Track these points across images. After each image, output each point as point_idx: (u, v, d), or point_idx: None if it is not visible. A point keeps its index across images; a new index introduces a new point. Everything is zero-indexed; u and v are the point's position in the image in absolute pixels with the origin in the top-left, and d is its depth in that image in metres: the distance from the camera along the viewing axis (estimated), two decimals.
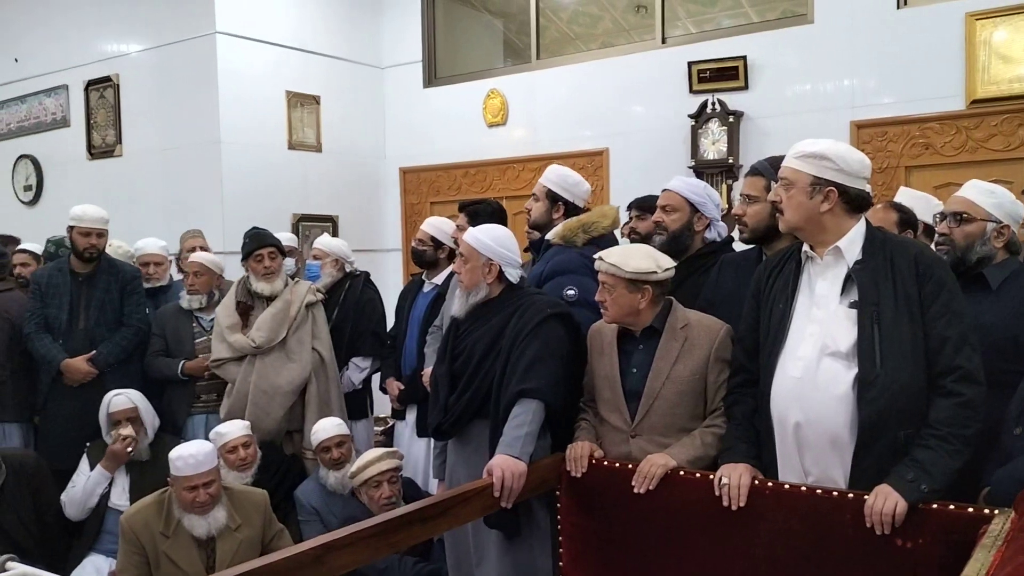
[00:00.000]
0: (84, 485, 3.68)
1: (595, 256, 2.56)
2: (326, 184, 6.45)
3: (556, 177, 3.34)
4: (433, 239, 4.03)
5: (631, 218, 4.09)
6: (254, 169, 5.95)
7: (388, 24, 6.81)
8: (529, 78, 6.21)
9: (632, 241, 3.53)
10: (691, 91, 5.35)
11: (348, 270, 4.40)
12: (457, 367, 2.75)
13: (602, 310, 2.56)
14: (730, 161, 5.13)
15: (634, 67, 5.69)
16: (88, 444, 3.85)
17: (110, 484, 3.73)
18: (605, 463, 2.51)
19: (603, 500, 2.51)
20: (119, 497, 3.71)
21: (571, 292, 2.89)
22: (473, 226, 3.56)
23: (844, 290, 2.21)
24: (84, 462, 3.77)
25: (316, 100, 6.36)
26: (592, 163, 5.87)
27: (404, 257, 6.78)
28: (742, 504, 2.23)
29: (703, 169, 5.23)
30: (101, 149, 6.50)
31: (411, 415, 4.08)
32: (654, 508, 2.39)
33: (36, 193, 7.03)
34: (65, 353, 4.04)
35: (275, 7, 6.09)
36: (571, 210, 3.29)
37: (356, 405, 4.27)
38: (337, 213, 6.53)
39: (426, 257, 4.05)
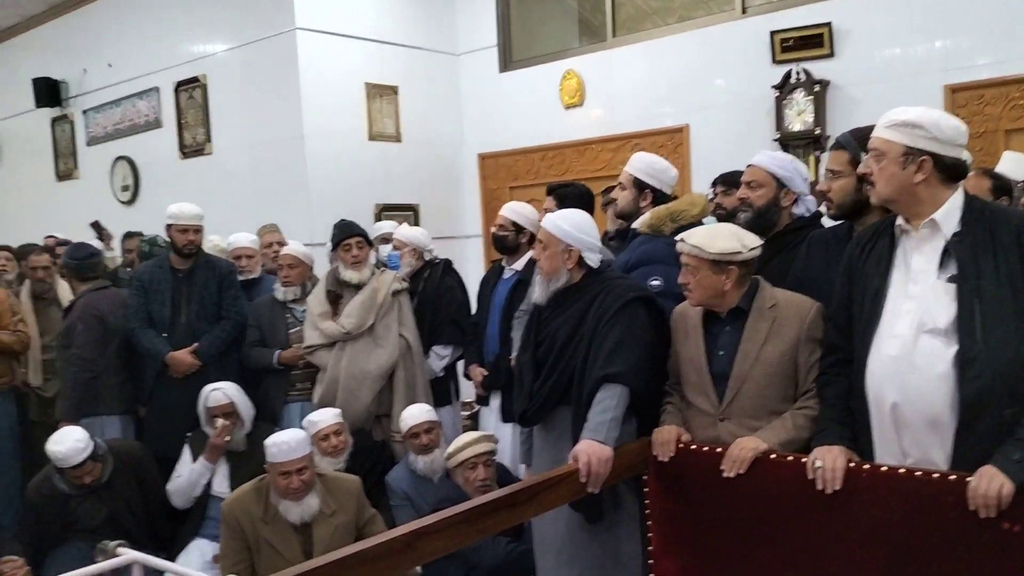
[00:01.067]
0: (188, 476, 3.84)
1: (677, 237, 2.52)
2: (406, 173, 6.52)
3: (642, 164, 3.27)
4: (514, 224, 4.02)
5: (716, 194, 3.99)
6: (337, 161, 6.07)
7: (462, 11, 6.82)
8: (605, 56, 6.13)
9: (718, 218, 3.44)
10: (774, 61, 5.19)
11: (428, 258, 4.45)
12: (540, 354, 2.75)
13: (685, 292, 2.52)
14: (817, 132, 4.96)
15: (713, 39, 5.55)
16: (189, 434, 4.01)
17: (212, 473, 3.88)
18: (693, 447, 2.47)
19: (692, 485, 2.47)
20: (220, 485, 3.86)
21: (656, 282, 2.84)
22: (562, 208, 3.59)
23: (942, 264, 2.11)
24: (186, 452, 3.93)
25: (394, 91, 6.43)
26: (672, 140, 5.77)
27: (484, 243, 6.81)
28: (837, 487, 2.16)
29: (788, 142, 5.07)
30: (192, 148, 6.73)
31: (495, 401, 4.10)
32: (745, 492, 2.34)
33: (133, 193, 7.34)
34: (170, 346, 4.20)
35: (352, 1, 6.17)
36: (659, 198, 3.22)
37: (439, 392, 4.32)
38: (418, 202, 6.60)
39: (507, 242, 4.04)
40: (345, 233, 4.09)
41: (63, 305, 4.87)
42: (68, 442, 3.57)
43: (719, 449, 2.40)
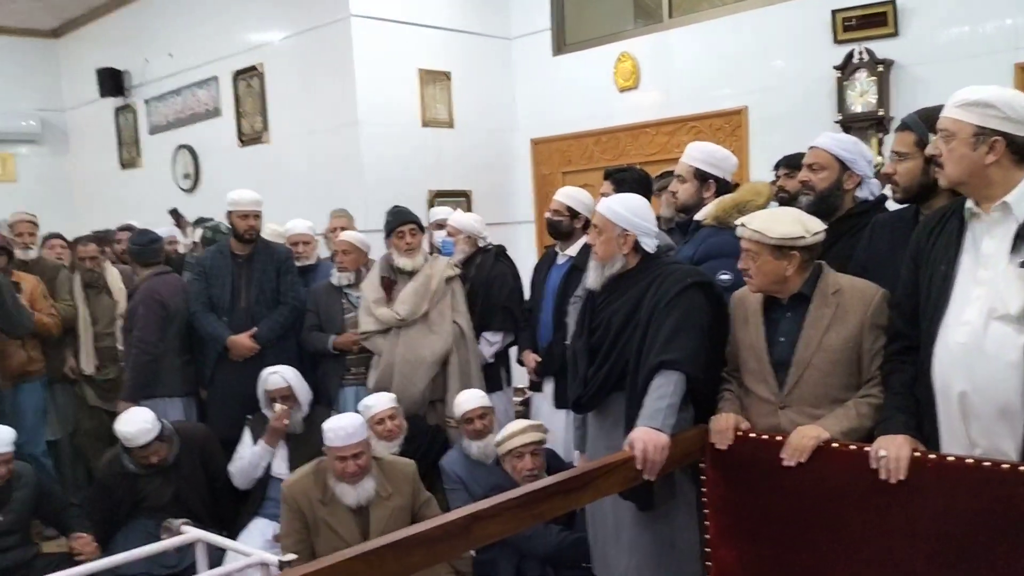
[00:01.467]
0: (249, 458, 3.92)
1: (737, 222, 2.47)
2: (459, 159, 6.53)
3: (702, 154, 3.19)
4: (569, 209, 3.99)
5: (779, 176, 3.91)
6: (391, 148, 6.10)
7: None
8: (661, 38, 6.04)
9: (780, 201, 3.35)
10: (835, 41, 5.06)
11: (482, 245, 4.45)
12: (595, 340, 2.73)
13: (745, 278, 2.47)
14: (880, 113, 4.82)
15: (772, 18, 5.43)
16: (249, 416, 4.09)
17: (272, 455, 3.95)
18: (752, 435, 2.43)
19: (751, 473, 2.44)
20: (279, 466, 3.94)
21: (726, 276, 2.78)
22: (619, 193, 3.55)
23: (1014, 248, 2.03)
24: (247, 434, 4.02)
25: (447, 76, 6.43)
26: (730, 123, 5.67)
27: (537, 228, 6.79)
28: (902, 478, 2.10)
29: (851, 123, 4.94)
30: (250, 136, 6.84)
31: (549, 387, 4.09)
32: (806, 482, 2.30)
33: (194, 180, 7.49)
34: (230, 331, 4.29)
35: None
36: (722, 187, 3.14)
37: (491, 378, 4.33)
38: (471, 187, 6.61)
39: (562, 227, 4.01)
40: (398, 220, 4.12)
41: (113, 293, 5.02)
42: (136, 423, 3.68)
43: (779, 437, 2.36)
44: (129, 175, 8.39)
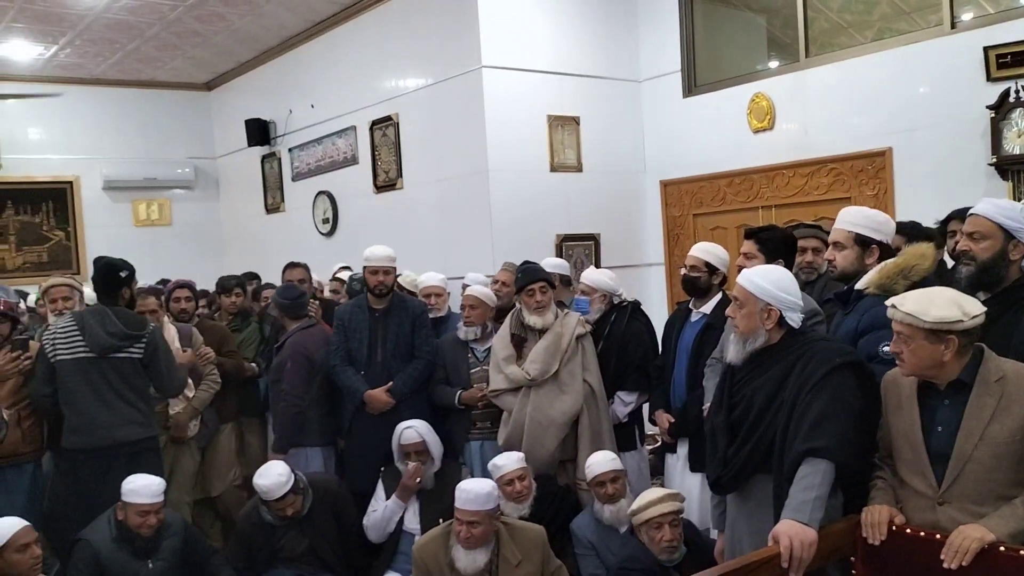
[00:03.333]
0: (382, 512, 4.00)
1: (888, 303, 2.32)
2: (587, 202, 6.52)
3: (860, 219, 3.03)
4: (707, 264, 3.89)
5: (951, 232, 3.65)
6: (519, 194, 6.16)
7: (645, 37, 6.74)
8: (798, 77, 5.84)
9: (960, 263, 3.06)
10: (988, 79, 4.75)
11: (616, 301, 4.39)
12: (735, 417, 2.62)
13: (898, 362, 2.32)
14: None
15: (918, 56, 5.15)
16: (383, 469, 4.17)
17: (403, 510, 4.01)
18: (908, 531, 2.27)
19: (905, 572, 2.27)
20: (411, 521, 3.99)
21: (887, 348, 2.63)
22: (763, 253, 3.44)
23: None
24: (380, 487, 4.10)
25: (576, 121, 6.46)
26: (873, 165, 5.40)
27: (667, 271, 6.69)
28: None
29: (1007, 166, 4.62)
30: (385, 182, 7.06)
31: (683, 449, 3.98)
32: None
33: (332, 225, 7.80)
34: (367, 385, 4.39)
35: (535, 35, 6.26)
36: (884, 252, 2.98)
37: (624, 436, 4.25)
38: (599, 231, 6.58)
39: (699, 284, 3.91)
40: (528, 278, 4.11)
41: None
42: (271, 476, 3.82)
43: (938, 536, 2.19)
44: (273, 219, 8.84)
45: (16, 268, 8.71)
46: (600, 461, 3.69)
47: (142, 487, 3.65)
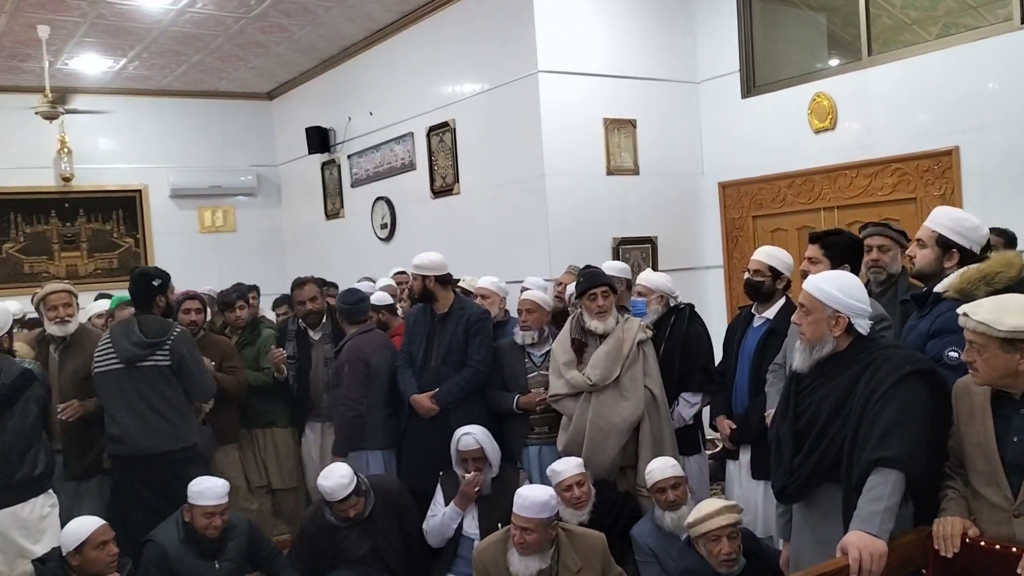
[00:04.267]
0: (441, 519, 4.03)
1: (959, 311, 2.26)
2: (644, 206, 6.48)
3: (948, 221, 2.95)
4: (771, 269, 3.83)
5: None
6: (575, 198, 6.15)
7: (703, 38, 6.68)
8: (860, 76, 5.71)
9: None
10: None
11: (672, 304, 4.36)
12: (801, 426, 2.58)
13: (971, 371, 2.26)
14: None
15: (986, 52, 5.00)
16: (441, 473, 4.20)
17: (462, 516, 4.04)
18: (982, 543, 2.21)
19: None
20: (470, 526, 4.01)
21: (953, 354, 2.55)
22: (829, 258, 3.38)
23: None
24: (439, 492, 4.13)
25: (632, 124, 6.43)
26: (938, 165, 5.26)
27: (726, 274, 6.61)
28: None
29: None
30: (442, 188, 7.13)
31: (744, 455, 3.92)
32: None
33: (391, 230, 7.89)
34: (416, 388, 4.42)
35: (590, 39, 6.25)
36: (965, 258, 2.90)
37: (687, 441, 4.21)
38: (656, 234, 6.53)
39: (763, 288, 3.84)
40: (590, 282, 4.09)
41: None
42: (334, 478, 3.88)
43: (1014, 549, 2.13)
44: (333, 225, 8.98)
45: (88, 274, 9.00)
46: (661, 467, 3.66)
47: (207, 488, 3.75)
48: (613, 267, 4.70)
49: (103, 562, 3.36)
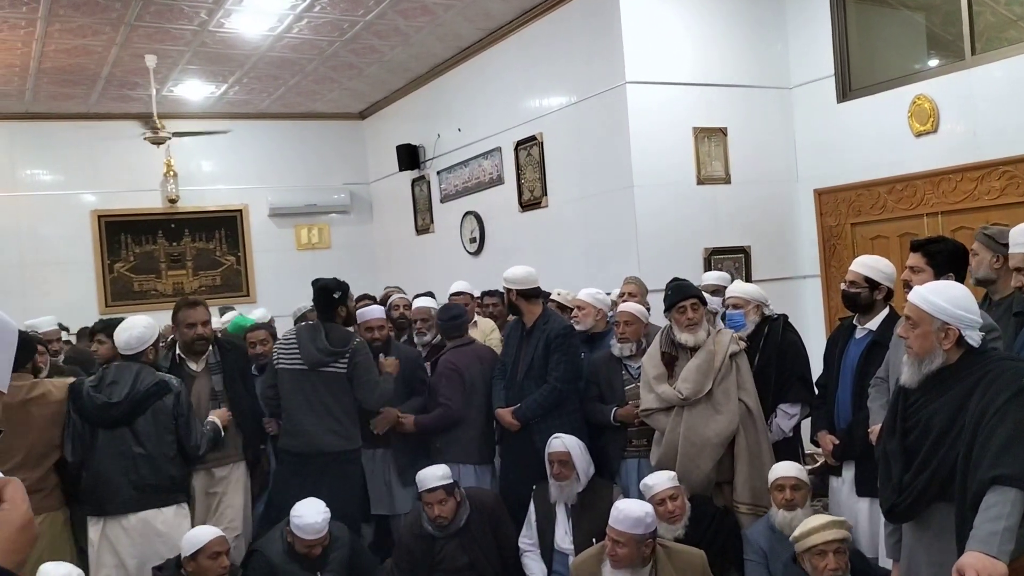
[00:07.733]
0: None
1: None
2: (736, 215, 6.37)
3: None
4: (867, 279, 3.70)
5: None
6: (665, 208, 6.10)
7: (795, 43, 6.53)
8: (963, 77, 5.48)
9: None
10: None
11: (767, 313, 4.27)
12: (911, 442, 2.49)
13: None
14: None
15: None
16: (535, 487, 4.21)
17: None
18: None
19: None
20: (562, 539, 4.02)
21: None
22: (932, 267, 3.26)
23: None
24: (532, 508, 4.14)
25: (723, 132, 6.33)
26: None
27: (823, 284, 6.43)
28: None
29: None
30: (530, 202, 7.17)
31: (848, 472, 3.78)
32: None
33: (479, 244, 7.98)
34: (503, 401, 4.47)
35: (678, 48, 6.20)
36: None
37: (788, 453, 4.11)
38: (748, 243, 6.41)
39: (860, 300, 3.72)
40: (679, 295, 4.04)
41: None
42: (429, 469, 4.06)
43: None
44: (423, 240, 9.15)
45: (192, 291, 9.41)
46: (786, 466, 3.66)
47: (307, 525, 3.72)
48: (714, 277, 4.65)
49: (215, 572, 3.48)
